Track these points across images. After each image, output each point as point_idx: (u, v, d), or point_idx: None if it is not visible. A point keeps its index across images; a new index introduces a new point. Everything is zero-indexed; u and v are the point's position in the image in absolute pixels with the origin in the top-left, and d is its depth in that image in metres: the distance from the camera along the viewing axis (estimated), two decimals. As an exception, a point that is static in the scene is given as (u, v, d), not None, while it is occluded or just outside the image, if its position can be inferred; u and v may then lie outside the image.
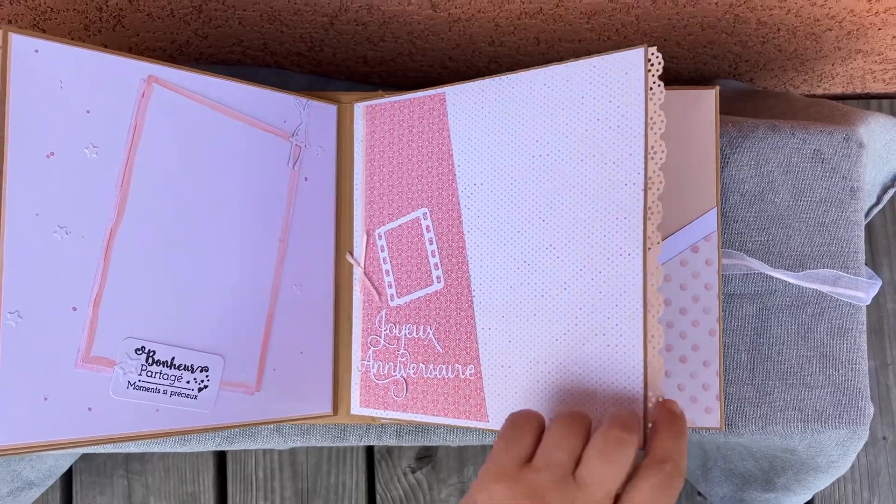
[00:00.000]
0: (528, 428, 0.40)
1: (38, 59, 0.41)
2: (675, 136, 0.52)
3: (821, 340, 0.53)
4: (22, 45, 0.41)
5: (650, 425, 0.40)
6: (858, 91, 0.82)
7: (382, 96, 0.54)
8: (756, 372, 0.53)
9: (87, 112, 0.43)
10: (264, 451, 0.79)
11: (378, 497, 0.79)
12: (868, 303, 0.54)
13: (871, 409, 0.53)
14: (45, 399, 0.41)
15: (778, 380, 0.53)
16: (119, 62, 0.45)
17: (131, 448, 0.51)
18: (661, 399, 0.41)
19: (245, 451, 0.79)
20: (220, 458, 0.80)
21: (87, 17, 0.57)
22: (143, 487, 0.78)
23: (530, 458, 0.39)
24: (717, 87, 0.52)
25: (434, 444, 0.55)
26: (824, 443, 0.54)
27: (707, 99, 0.52)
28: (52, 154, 0.42)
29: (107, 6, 0.56)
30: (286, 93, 0.52)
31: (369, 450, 0.80)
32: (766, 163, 0.54)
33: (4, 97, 0.40)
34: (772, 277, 0.53)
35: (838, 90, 0.82)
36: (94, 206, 0.43)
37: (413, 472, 0.79)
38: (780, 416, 0.53)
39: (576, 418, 0.39)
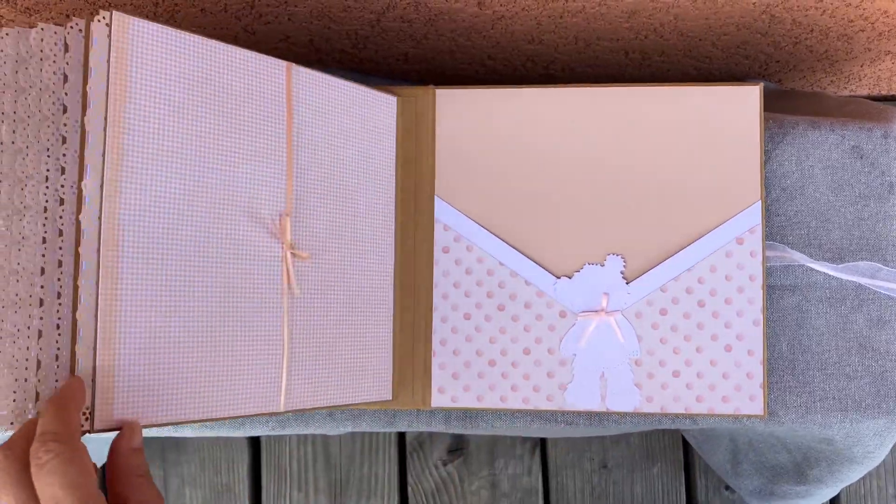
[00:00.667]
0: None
1: None
2: (721, 131, 0.53)
3: (860, 332, 0.54)
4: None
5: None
6: (884, 93, 0.84)
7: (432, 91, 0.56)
8: (796, 362, 0.54)
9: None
10: (298, 443, 0.80)
11: (410, 489, 0.80)
12: None
13: (909, 399, 0.55)
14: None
15: (818, 370, 0.54)
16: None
17: (187, 432, 0.52)
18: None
19: (279, 442, 0.80)
20: (255, 449, 0.81)
21: (142, 12, 0.58)
22: (179, 478, 0.79)
23: None
24: (762, 84, 0.54)
25: (480, 433, 0.57)
26: (862, 433, 0.55)
27: (752, 96, 0.53)
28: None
29: (163, 1, 0.57)
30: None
31: (402, 443, 0.81)
32: (806, 158, 0.55)
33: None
34: (812, 270, 0.55)
35: (865, 91, 0.83)
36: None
37: (444, 464, 0.80)
38: (820, 406, 0.54)
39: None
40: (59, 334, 0.39)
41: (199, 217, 0.44)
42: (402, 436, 0.82)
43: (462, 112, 0.56)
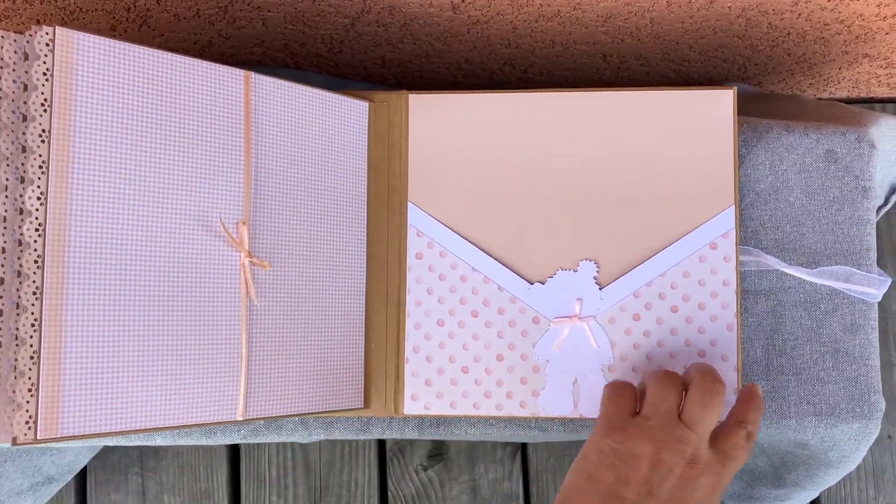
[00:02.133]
0: (626, 392, 0.48)
1: None
2: (695, 134, 0.53)
3: (834, 336, 0.54)
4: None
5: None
6: (863, 95, 0.84)
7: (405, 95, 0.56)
8: (771, 367, 0.54)
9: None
10: (278, 449, 0.80)
11: (390, 494, 0.80)
12: (879, 299, 0.55)
13: (883, 404, 0.55)
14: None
15: (792, 375, 0.54)
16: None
17: (157, 440, 0.52)
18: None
19: (258, 448, 0.80)
20: (234, 455, 0.81)
21: (114, 17, 0.58)
22: (157, 484, 0.79)
23: (636, 414, 0.47)
24: (735, 88, 0.53)
25: (453, 439, 0.56)
26: (837, 437, 0.55)
27: (725, 99, 0.53)
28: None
29: (135, 6, 0.57)
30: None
31: (381, 447, 0.81)
32: (780, 162, 0.55)
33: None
34: (786, 274, 0.55)
35: (844, 94, 0.83)
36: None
37: (425, 469, 0.80)
38: (795, 411, 0.54)
39: (669, 376, 0.47)
40: (17, 345, 0.38)
41: (151, 227, 0.44)
42: (381, 441, 0.81)
43: (435, 117, 0.55)
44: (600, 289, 0.53)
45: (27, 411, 0.39)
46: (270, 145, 0.50)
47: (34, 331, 0.39)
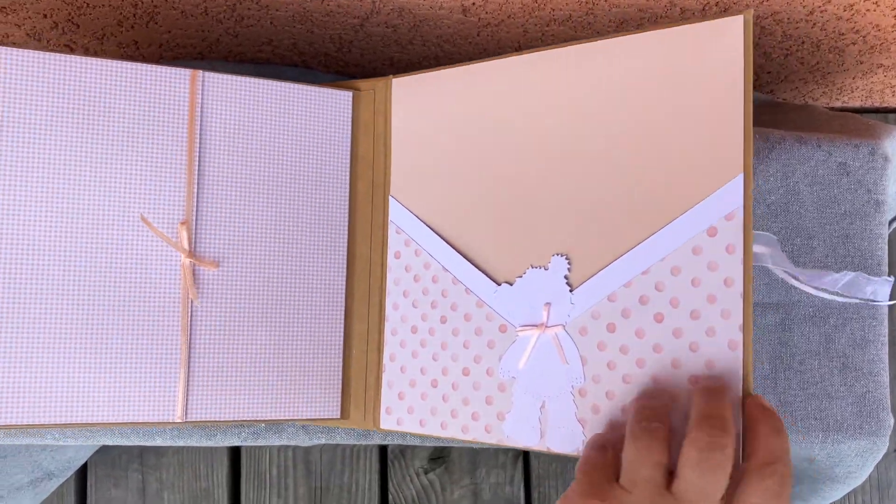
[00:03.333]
0: (608, 451, 0.38)
1: None
2: (694, 85, 0.40)
3: (843, 351, 0.54)
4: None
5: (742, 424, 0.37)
6: (877, 104, 0.83)
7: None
8: (778, 381, 0.54)
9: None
10: (279, 449, 0.79)
11: (391, 497, 0.80)
12: (888, 300, 0.53)
13: (891, 421, 0.54)
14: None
15: (800, 389, 0.54)
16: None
17: (157, 441, 0.52)
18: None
19: (259, 448, 0.80)
20: (235, 454, 0.80)
21: (121, 13, 0.58)
22: (158, 482, 0.79)
23: (618, 477, 0.37)
24: (750, 14, 0.39)
25: (456, 445, 0.56)
26: (844, 453, 0.54)
27: (733, 30, 0.38)
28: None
29: (142, 2, 0.56)
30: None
31: (383, 450, 0.81)
32: (792, 174, 0.54)
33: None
34: (795, 287, 0.54)
35: (857, 104, 0.82)
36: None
37: (426, 472, 0.80)
38: (802, 426, 0.53)
39: (649, 429, 0.36)
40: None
41: (87, 228, 0.46)
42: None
43: (415, 100, 0.50)
44: (571, 290, 0.43)
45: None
46: (224, 144, 0.49)
47: None
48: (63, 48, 0.63)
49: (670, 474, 0.36)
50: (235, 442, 0.52)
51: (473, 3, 0.56)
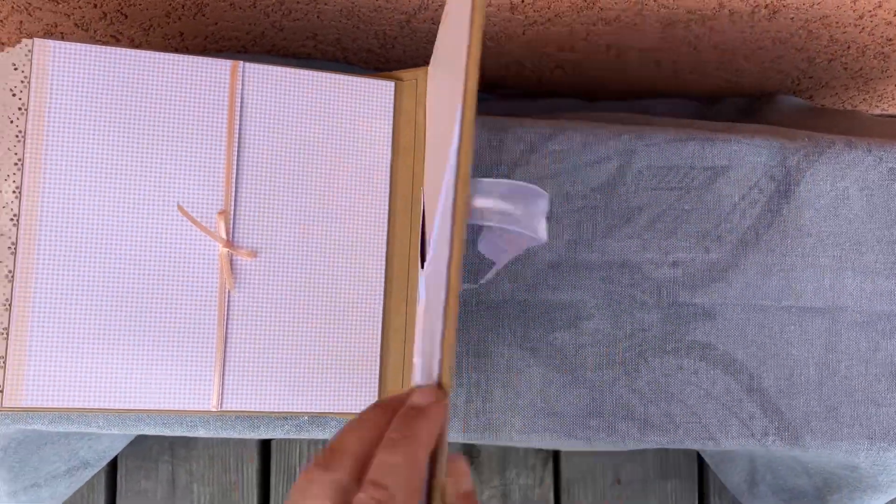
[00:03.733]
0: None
1: None
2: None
3: (890, 358, 0.53)
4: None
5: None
6: (916, 113, 0.82)
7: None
8: (824, 387, 0.53)
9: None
10: (309, 443, 0.79)
11: (419, 495, 0.79)
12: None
13: (938, 430, 0.53)
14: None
15: (845, 396, 0.53)
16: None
17: (200, 432, 0.52)
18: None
19: (290, 442, 0.79)
20: (265, 448, 0.80)
21: (170, 4, 0.58)
22: (188, 474, 0.79)
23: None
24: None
25: (500, 444, 0.55)
26: (889, 461, 0.54)
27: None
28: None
29: (193, -5, 0.56)
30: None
31: (412, 448, 0.80)
32: (841, 179, 0.54)
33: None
34: (844, 293, 0.53)
35: (895, 111, 0.82)
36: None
37: (455, 472, 0.79)
38: (847, 433, 0.53)
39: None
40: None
41: (126, 217, 0.47)
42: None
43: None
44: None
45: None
46: (264, 134, 0.49)
47: (4, 309, 0.45)
48: (109, 39, 0.64)
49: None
50: (279, 434, 0.52)
51: (522, 1, 0.56)
